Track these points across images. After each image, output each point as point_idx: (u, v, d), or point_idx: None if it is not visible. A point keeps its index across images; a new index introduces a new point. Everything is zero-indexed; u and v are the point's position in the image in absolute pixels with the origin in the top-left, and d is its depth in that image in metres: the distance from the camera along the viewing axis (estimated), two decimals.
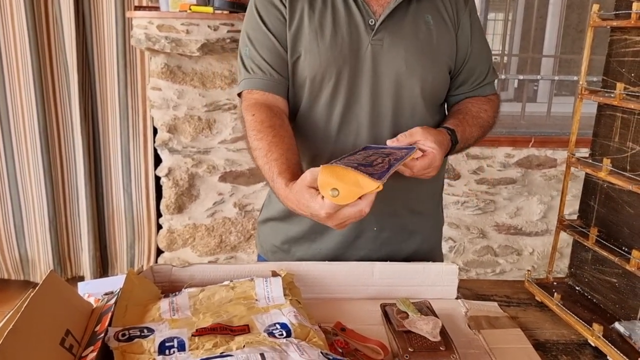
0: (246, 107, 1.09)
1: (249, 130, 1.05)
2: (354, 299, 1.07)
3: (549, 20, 2.62)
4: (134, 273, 0.99)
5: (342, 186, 0.80)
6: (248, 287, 0.96)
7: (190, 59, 2.30)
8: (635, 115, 0.98)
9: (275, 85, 1.10)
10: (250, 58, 1.10)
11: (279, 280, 0.97)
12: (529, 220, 2.60)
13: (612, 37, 1.04)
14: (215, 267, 1.06)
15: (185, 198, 2.49)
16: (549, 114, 2.53)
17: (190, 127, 2.40)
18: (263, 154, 1.00)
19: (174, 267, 1.06)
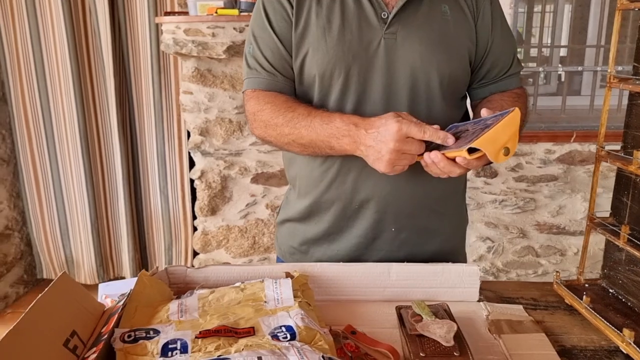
0: (257, 103, 1.08)
1: (272, 112, 1.04)
2: (369, 301, 1.04)
3: (592, 8, 2.48)
4: (146, 274, 0.99)
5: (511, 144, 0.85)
6: (258, 289, 0.95)
7: (220, 62, 2.32)
8: None
9: (278, 84, 1.09)
10: (253, 57, 1.09)
11: (288, 282, 0.95)
12: (573, 219, 2.48)
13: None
14: (230, 269, 1.06)
15: (218, 200, 2.52)
16: (592, 106, 2.40)
17: (222, 130, 2.42)
18: (306, 114, 1.01)
19: (188, 269, 1.06)
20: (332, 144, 0.98)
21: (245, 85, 1.11)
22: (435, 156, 0.88)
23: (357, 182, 1.08)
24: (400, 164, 0.92)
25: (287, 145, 1.06)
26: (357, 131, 0.95)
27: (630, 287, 1.02)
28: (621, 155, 1.00)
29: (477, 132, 0.86)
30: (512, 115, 0.84)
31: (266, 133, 1.07)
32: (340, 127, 0.97)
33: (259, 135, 1.10)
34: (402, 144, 0.89)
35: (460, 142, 0.88)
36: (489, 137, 0.82)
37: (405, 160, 0.91)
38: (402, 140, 0.89)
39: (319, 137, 0.99)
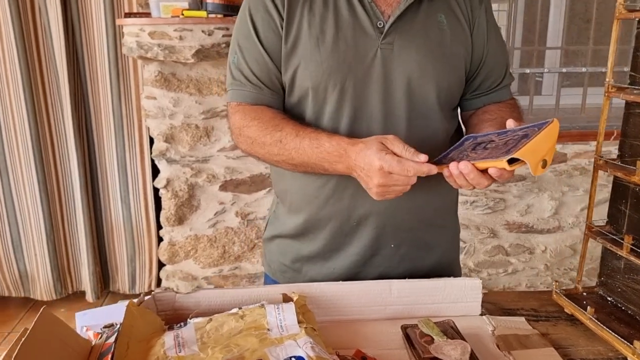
0: (242, 118, 1.03)
1: (259, 131, 1.00)
2: (371, 320, 1.01)
3: (551, 11, 2.54)
4: (134, 305, 0.91)
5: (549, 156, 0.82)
6: (259, 315, 0.89)
7: (185, 65, 2.22)
8: None
9: (265, 97, 1.04)
10: (238, 68, 1.04)
11: (291, 307, 0.90)
12: (540, 218, 2.53)
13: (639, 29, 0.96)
14: (222, 292, 0.99)
15: (185, 209, 2.42)
16: (557, 106, 2.45)
17: (188, 136, 2.33)
18: (294, 135, 0.97)
19: (177, 294, 0.99)
20: (325, 167, 0.96)
21: (230, 97, 1.06)
22: (465, 167, 0.84)
23: (355, 198, 1.03)
24: (390, 193, 0.90)
25: (277, 163, 1.03)
26: (347, 158, 0.92)
27: (630, 295, 1.02)
28: (619, 164, 1.00)
29: (510, 142, 0.83)
30: (553, 126, 0.81)
31: (252, 149, 1.03)
32: (330, 151, 0.94)
33: (245, 150, 1.06)
34: (387, 180, 0.87)
35: (492, 152, 0.84)
36: (531, 147, 0.78)
37: (395, 189, 0.89)
38: (385, 176, 0.87)
39: (310, 160, 0.96)
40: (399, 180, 0.86)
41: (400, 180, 0.86)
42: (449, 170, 0.87)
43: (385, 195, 0.90)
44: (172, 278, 2.53)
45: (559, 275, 2.61)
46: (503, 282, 2.61)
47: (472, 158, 0.86)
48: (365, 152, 0.88)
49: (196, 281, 2.52)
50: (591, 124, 2.44)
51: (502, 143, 0.84)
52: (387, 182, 0.87)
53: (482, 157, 0.84)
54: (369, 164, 0.88)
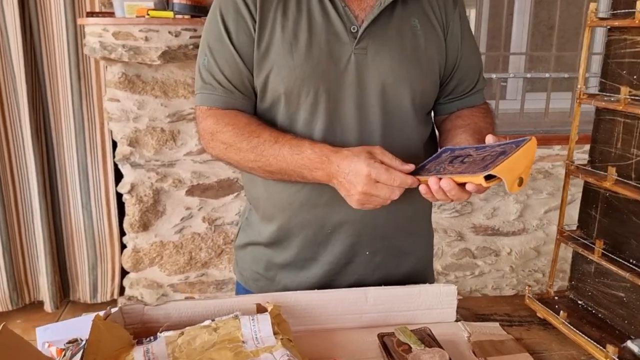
0: (215, 123, 1.00)
1: (235, 136, 0.97)
2: (347, 328, 0.99)
3: (515, 17, 2.59)
4: (101, 319, 0.87)
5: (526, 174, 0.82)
6: (233, 327, 0.86)
7: (150, 67, 2.16)
8: (639, 120, 0.93)
9: (236, 102, 1.01)
10: (208, 71, 1.00)
11: (267, 318, 0.87)
12: (506, 220, 2.58)
13: (610, 37, 0.98)
14: (193, 304, 0.96)
15: (150, 215, 2.35)
16: (522, 111, 2.50)
17: (153, 140, 2.26)
18: (272, 142, 0.94)
19: (145, 307, 0.95)
20: (304, 174, 0.93)
21: (199, 101, 1.02)
22: (447, 184, 0.83)
23: (329, 205, 1.01)
24: (370, 203, 0.88)
25: (251, 170, 0.99)
26: (329, 165, 0.90)
27: (601, 298, 1.04)
28: (590, 170, 1.01)
29: (488, 158, 0.82)
30: (530, 145, 0.81)
31: (226, 155, 1.00)
32: (312, 158, 0.92)
33: (217, 156, 1.02)
34: (371, 188, 0.86)
35: (469, 167, 0.84)
36: (508, 165, 0.78)
37: (375, 201, 0.88)
38: (371, 184, 0.86)
39: (289, 167, 0.94)
40: (383, 190, 0.85)
41: (384, 190, 0.85)
42: (425, 187, 0.87)
43: (364, 205, 0.88)
44: (136, 286, 2.46)
45: (524, 277, 2.66)
46: (470, 285, 2.64)
47: (449, 171, 0.85)
48: (352, 158, 0.87)
49: (161, 289, 2.45)
50: (554, 128, 2.50)
51: (480, 158, 0.84)
52: (371, 191, 0.85)
53: (460, 172, 0.83)
54: (356, 170, 0.86)
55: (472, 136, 1.01)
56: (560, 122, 2.52)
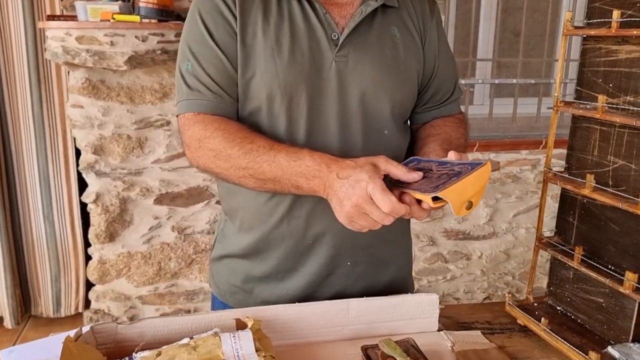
0: (203, 128, 0.94)
1: (226, 142, 0.91)
2: (330, 341, 0.97)
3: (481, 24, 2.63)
4: (71, 340, 0.83)
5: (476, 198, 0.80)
6: (213, 345, 0.83)
7: (115, 72, 2.10)
8: (615, 127, 0.94)
9: (226, 106, 0.96)
10: (193, 75, 0.95)
11: (248, 335, 0.85)
12: (476, 224, 2.60)
13: (585, 45, 1.00)
14: (169, 320, 0.92)
15: (117, 225, 2.28)
16: (490, 116, 2.54)
17: (119, 147, 2.19)
18: (267, 148, 0.89)
19: (119, 325, 0.91)
20: (299, 184, 0.88)
21: (184, 108, 0.96)
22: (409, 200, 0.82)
23: (310, 216, 0.99)
24: (358, 221, 0.82)
25: (239, 179, 0.93)
26: (328, 173, 0.85)
27: (579, 304, 1.05)
28: (568, 177, 1.02)
29: (443, 177, 0.81)
30: (484, 170, 0.80)
31: (214, 163, 0.93)
32: (310, 165, 0.86)
33: (204, 165, 0.96)
34: (365, 203, 0.80)
35: (425, 183, 0.82)
36: (456, 188, 0.77)
37: (364, 221, 0.82)
38: (366, 199, 0.80)
39: (284, 175, 0.88)
40: (375, 212, 0.80)
41: (376, 212, 0.80)
42: None
43: (352, 221, 0.83)
44: (102, 299, 2.37)
45: (495, 279, 2.69)
46: (442, 289, 2.66)
47: (406, 185, 0.84)
48: (355, 168, 0.82)
49: (129, 301, 2.38)
50: (522, 133, 2.55)
51: (437, 176, 0.83)
52: (364, 205, 0.80)
53: (415, 188, 0.82)
54: (355, 180, 0.81)
55: (441, 146, 1.01)
56: (527, 127, 2.57)
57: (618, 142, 0.93)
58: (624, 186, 0.93)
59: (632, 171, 0.91)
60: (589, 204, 1.00)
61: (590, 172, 0.97)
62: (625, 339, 0.95)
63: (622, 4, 0.90)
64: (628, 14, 0.89)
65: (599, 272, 0.94)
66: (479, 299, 2.70)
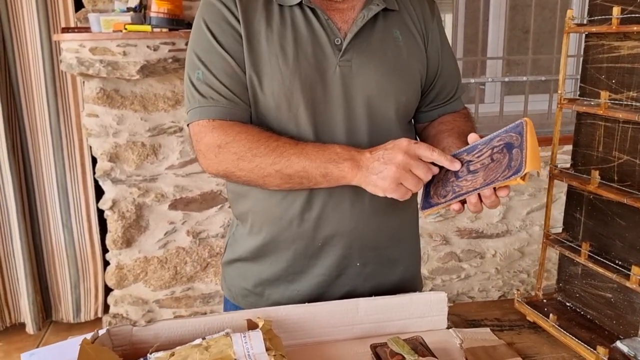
0: (224, 133, 0.94)
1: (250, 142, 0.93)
2: (339, 340, 0.99)
3: (490, 22, 2.63)
4: (88, 342, 0.85)
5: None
6: (224, 345, 0.85)
7: (129, 81, 2.14)
8: (619, 123, 0.94)
9: (241, 112, 0.97)
10: (205, 83, 0.96)
11: (259, 335, 0.86)
12: (489, 223, 2.60)
13: (587, 42, 1.00)
14: (183, 322, 0.94)
15: (133, 230, 2.32)
16: (501, 114, 2.54)
17: (134, 154, 2.24)
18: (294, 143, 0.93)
19: (134, 327, 0.93)
20: (328, 170, 0.90)
21: (198, 115, 0.96)
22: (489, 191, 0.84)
23: (320, 218, 1.01)
24: (405, 182, 0.85)
25: (264, 178, 0.94)
26: (360, 155, 0.89)
27: (589, 300, 1.05)
28: (574, 173, 1.03)
29: (500, 157, 0.83)
30: (530, 126, 0.83)
31: (237, 166, 0.94)
32: (340, 152, 0.90)
33: (225, 170, 0.96)
34: (411, 159, 0.84)
35: (488, 174, 0.83)
36: (532, 154, 0.79)
37: (411, 179, 0.85)
38: (411, 155, 0.85)
39: (313, 164, 0.90)
40: (419, 169, 0.85)
41: (421, 169, 0.85)
42: (459, 205, 0.88)
43: (398, 185, 0.85)
44: (120, 303, 2.42)
45: (509, 278, 2.68)
46: (457, 288, 2.65)
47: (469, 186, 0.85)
48: (390, 142, 0.88)
49: (147, 305, 2.42)
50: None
51: (488, 161, 0.84)
52: (409, 162, 0.84)
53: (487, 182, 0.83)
54: (394, 144, 0.86)
55: (458, 139, 1.02)
56: (539, 124, 2.56)
57: (622, 138, 0.94)
58: (629, 181, 0.93)
59: (637, 166, 0.92)
60: (595, 199, 1.01)
61: (595, 168, 0.98)
62: (634, 333, 0.95)
63: (622, 0, 0.90)
64: (629, 10, 0.90)
65: (606, 268, 0.94)
66: (494, 298, 2.69)
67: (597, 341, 0.96)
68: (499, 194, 0.84)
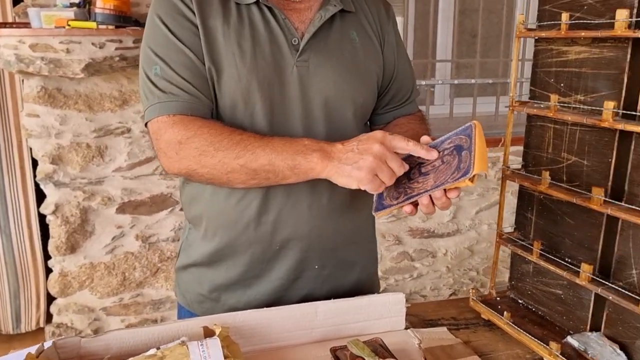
0: (184, 128, 0.89)
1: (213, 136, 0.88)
2: (299, 345, 0.98)
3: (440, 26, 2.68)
4: (33, 357, 0.80)
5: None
6: (180, 355, 0.82)
7: (72, 80, 2.05)
8: (568, 126, 0.97)
9: (202, 108, 0.93)
10: (164, 78, 0.92)
11: (216, 342, 0.84)
12: (440, 222, 2.65)
13: (537, 47, 1.03)
14: (135, 332, 0.91)
15: (78, 236, 2.22)
16: (451, 116, 2.60)
17: (78, 156, 2.14)
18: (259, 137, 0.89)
19: (82, 339, 0.89)
20: (296, 162, 0.85)
21: (157, 111, 0.92)
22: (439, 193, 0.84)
23: (277, 221, 0.99)
24: (381, 173, 0.82)
25: (228, 175, 0.89)
26: (330, 146, 0.85)
27: (540, 297, 1.08)
28: (526, 174, 1.05)
29: (449, 160, 0.83)
30: (479, 129, 0.83)
31: (199, 163, 0.89)
32: (308, 143, 0.86)
33: (186, 167, 0.91)
34: (387, 151, 0.82)
35: (439, 176, 0.84)
36: (480, 156, 0.79)
37: (385, 172, 0.82)
38: (387, 146, 0.82)
39: (280, 156, 0.86)
40: (394, 162, 0.83)
41: (395, 162, 0.83)
42: (411, 207, 0.87)
43: (374, 176, 0.82)
44: (64, 312, 2.31)
45: (460, 275, 2.75)
46: (409, 287, 2.69)
47: (420, 187, 0.85)
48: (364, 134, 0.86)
49: (93, 313, 2.32)
50: None
51: (439, 163, 0.85)
52: (385, 154, 0.82)
53: (437, 183, 0.83)
54: (369, 135, 0.84)
55: None
56: (486, 126, 2.64)
57: (571, 140, 0.97)
58: (577, 181, 0.97)
59: (585, 167, 0.95)
60: (545, 199, 1.04)
61: (545, 169, 1.01)
62: (583, 328, 0.99)
63: (570, 7, 0.94)
64: (576, 16, 0.93)
65: (557, 265, 0.97)
66: (445, 296, 2.75)
67: (549, 337, 0.98)
68: (449, 195, 0.85)
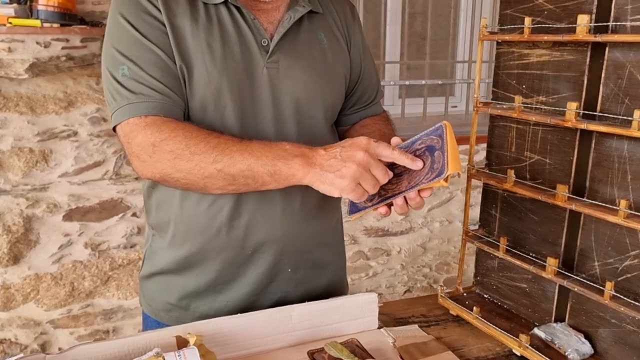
0: (158, 131, 0.85)
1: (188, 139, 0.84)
2: (275, 349, 0.97)
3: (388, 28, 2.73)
4: None
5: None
6: None
7: (12, 81, 1.93)
8: (530, 125, 1.01)
9: (175, 109, 0.90)
10: (133, 79, 0.88)
11: (194, 352, 0.82)
12: (394, 221, 2.69)
13: (498, 49, 1.07)
14: (104, 345, 0.88)
15: (21, 245, 2.10)
16: (403, 116, 2.64)
17: (20, 162, 2.02)
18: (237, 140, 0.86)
19: (48, 355, 0.85)
20: (277, 168, 0.83)
21: (127, 113, 0.88)
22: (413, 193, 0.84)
23: (250, 226, 0.97)
24: (364, 182, 0.81)
25: (205, 179, 0.86)
26: (312, 152, 0.83)
27: (505, 291, 1.12)
28: (491, 173, 1.09)
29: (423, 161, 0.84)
30: (449, 129, 0.85)
31: (174, 167, 0.85)
32: (289, 148, 0.84)
33: (161, 171, 0.87)
34: (371, 158, 0.80)
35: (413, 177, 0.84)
36: (453, 157, 0.80)
37: (369, 181, 0.81)
38: (371, 154, 0.81)
39: (259, 161, 0.83)
40: (378, 170, 0.81)
41: (380, 170, 0.81)
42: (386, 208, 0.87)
43: (357, 185, 0.81)
44: (8, 327, 2.17)
45: (414, 272, 2.80)
46: (365, 286, 2.72)
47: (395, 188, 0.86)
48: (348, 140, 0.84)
49: (39, 327, 2.20)
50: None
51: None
52: (369, 162, 0.80)
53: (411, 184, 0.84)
54: (353, 141, 0.82)
55: None
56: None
57: (533, 139, 1.01)
58: (540, 179, 1.01)
59: (547, 165, 0.99)
60: (509, 197, 1.08)
61: (509, 167, 1.04)
62: (548, 319, 1.03)
63: (531, 11, 0.98)
64: (537, 20, 0.97)
65: (523, 260, 1.01)
66: (400, 293, 2.80)
67: (516, 329, 1.02)
68: (422, 195, 0.86)
